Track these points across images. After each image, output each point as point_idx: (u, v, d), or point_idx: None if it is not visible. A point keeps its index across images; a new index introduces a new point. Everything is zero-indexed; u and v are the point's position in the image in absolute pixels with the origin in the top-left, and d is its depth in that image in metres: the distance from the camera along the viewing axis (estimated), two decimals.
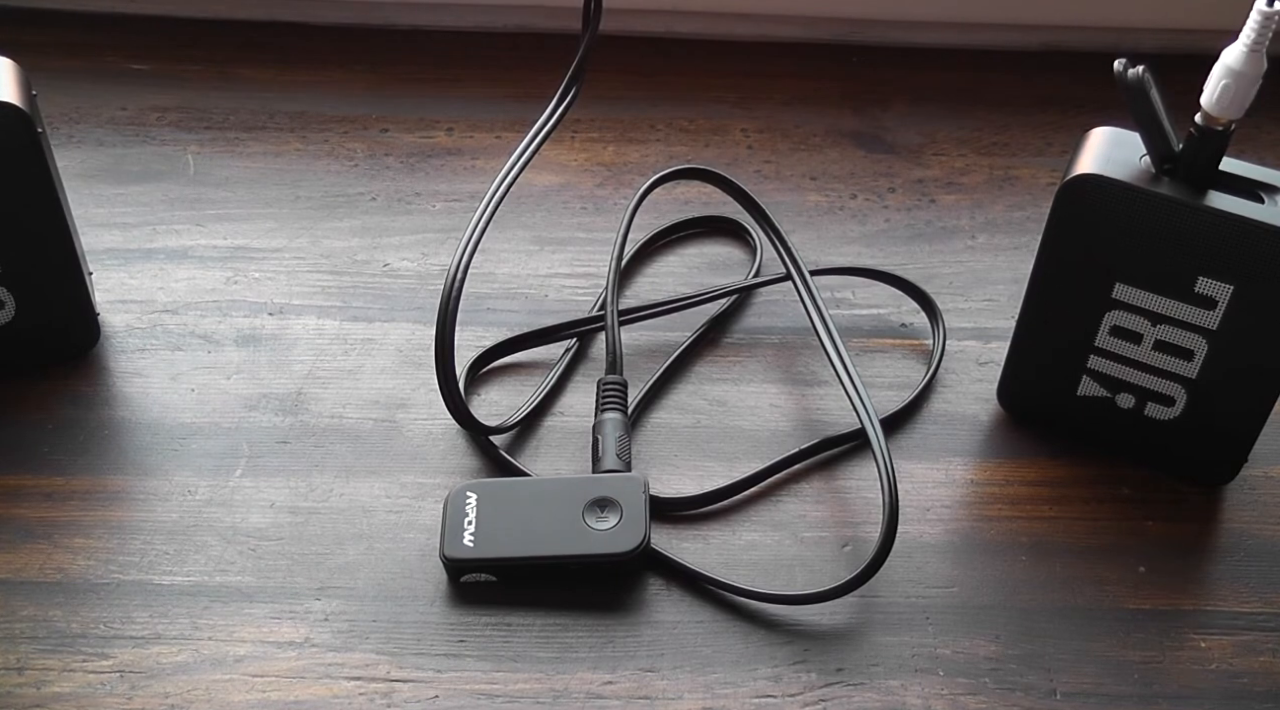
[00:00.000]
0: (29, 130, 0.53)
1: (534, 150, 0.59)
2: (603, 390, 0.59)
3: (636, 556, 0.53)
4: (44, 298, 0.58)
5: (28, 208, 0.56)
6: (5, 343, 0.59)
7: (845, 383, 0.58)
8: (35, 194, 0.56)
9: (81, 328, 0.61)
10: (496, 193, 0.57)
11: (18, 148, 0.54)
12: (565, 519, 0.53)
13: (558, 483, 0.55)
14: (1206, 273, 0.51)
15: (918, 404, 0.61)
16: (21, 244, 0.57)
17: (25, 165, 0.54)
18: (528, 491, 0.55)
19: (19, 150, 0.54)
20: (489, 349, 0.61)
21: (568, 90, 0.60)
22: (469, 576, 0.53)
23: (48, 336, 0.60)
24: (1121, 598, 0.54)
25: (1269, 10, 0.47)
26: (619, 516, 0.53)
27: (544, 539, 0.53)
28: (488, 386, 0.61)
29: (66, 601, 0.52)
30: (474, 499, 0.54)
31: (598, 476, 0.55)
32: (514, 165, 0.58)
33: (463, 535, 0.53)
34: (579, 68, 0.60)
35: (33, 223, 0.56)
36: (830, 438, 0.58)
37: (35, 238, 0.57)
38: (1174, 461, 0.58)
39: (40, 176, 0.55)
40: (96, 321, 0.61)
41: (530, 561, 0.53)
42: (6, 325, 0.58)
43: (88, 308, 0.60)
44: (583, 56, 0.60)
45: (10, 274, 0.57)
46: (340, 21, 0.80)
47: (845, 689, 0.51)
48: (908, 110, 0.76)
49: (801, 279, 0.63)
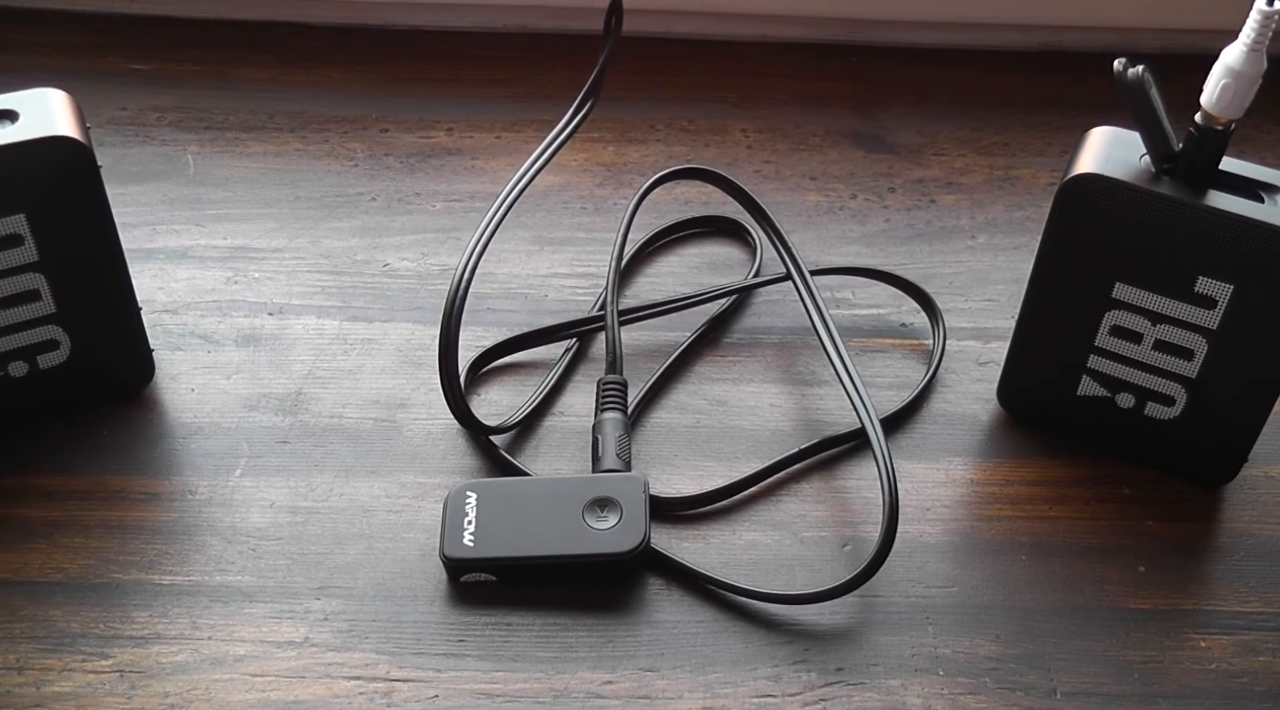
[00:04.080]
0: (89, 165, 0.52)
1: (548, 158, 0.59)
2: (603, 390, 0.59)
3: (636, 556, 0.53)
4: (99, 338, 0.56)
5: (85, 246, 0.54)
6: (59, 383, 0.57)
7: (845, 382, 0.58)
8: (93, 231, 0.54)
9: (135, 366, 0.59)
10: (508, 198, 0.57)
11: (77, 184, 0.52)
12: (565, 519, 0.53)
13: (558, 482, 0.55)
14: (1206, 273, 0.51)
15: (918, 404, 0.61)
16: (77, 283, 0.54)
17: (84, 201, 0.53)
18: (528, 491, 0.55)
19: (79, 186, 0.52)
20: (489, 349, 0.61)
21: (584, 102, 0.60)
22: (469, 576, 0.53)
23: (102, 376, 0.58)
24: (1121, 598, 0.54)
25: (1269, 10, 0.47)
26: (619, 516, 0.53)
27: (544, 539, 0.53)
28: (488, 386, 0.61)
29: (66, 601, 0.52)
30: (474, 498, 0.54)
31: (598, 476, 0.55)
32: (526, 172, 0.58)
33: (463, 535, 0.53)
34: (597, 79, 0.60)
35: (89, 261, 0.54)
36: (830, 438, 0.58)
37: (92, 276, 0.55)
38: (1174, 461, 0.58)
39: (99, 213, 0.53)
40: (151, 359, 0.60)
41: (530, 561, 0.53)
42: (60, 366, 0.56)
43: (143, 345, 0.59)
44: (601, 68, 0.60)
45: (65, 314, 0.55)
46: (340, 21, 0.80)
47: (845, 689, 0.51)
48: (908, 110, 0.76)
49: (801, 279, 0.63)
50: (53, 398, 0.57)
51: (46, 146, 0.51)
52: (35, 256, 0.53)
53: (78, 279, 0.55)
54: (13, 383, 0.56)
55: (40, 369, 0.56)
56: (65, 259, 0.54)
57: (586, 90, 0.61)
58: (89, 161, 0.52)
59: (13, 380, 0.56)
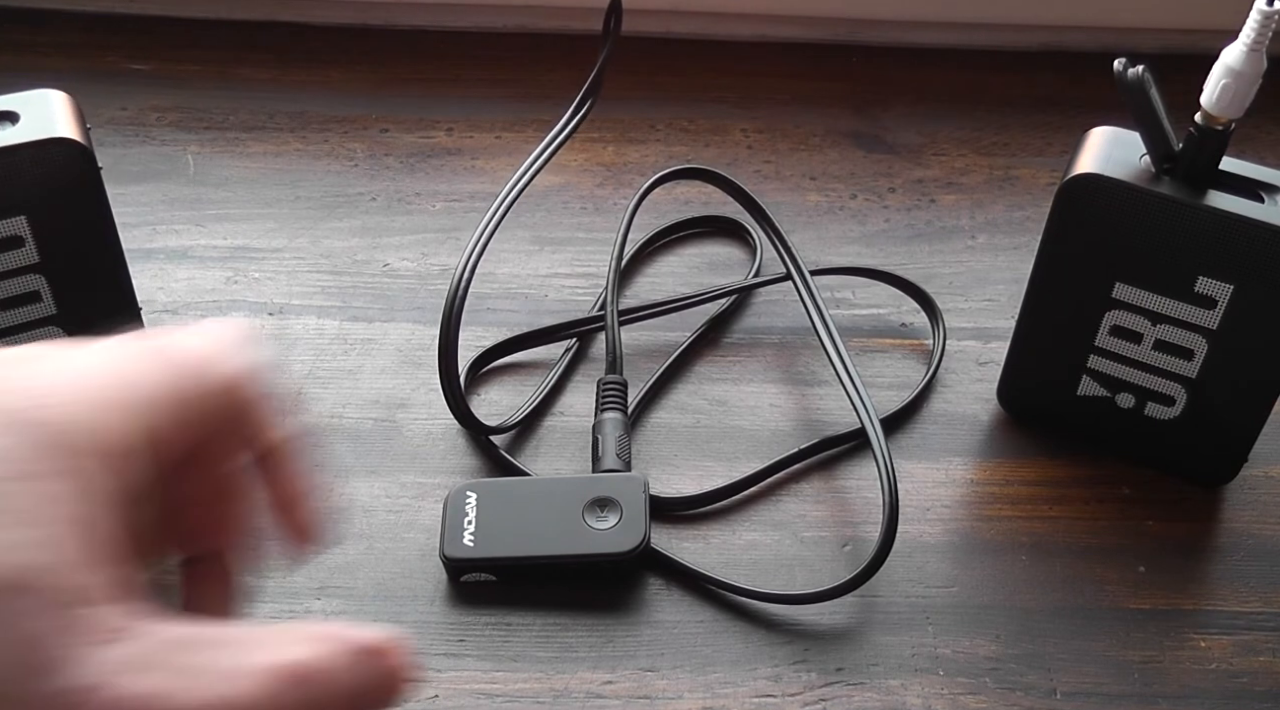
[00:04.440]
0: (90, 166, 0.52)
1: (547, 158, 0.59)
2: (603, 390, 0.59)
3: (636, 556, 0.53)
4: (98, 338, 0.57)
5: (85, 247, 0.54)
6: None
7: (845, 382, 0.58)
8: (94, 233, 0.54)
9: None
10: (507, 197, 0.57)
11: (78, 185, 0.52)
12: (565, 519, 0.53)
13: (558, 482, 0.55)
14: (1206, 272, 0.51)
15: (918, 404, 0.61)
16: (78, 285, 0.54)
17: (85, 203, 0.53)
18: (528, 491, 0.55)
19: (79, 188, 0.52)
20: (489, 349, 0.61)
21: (584, 102, 0.60)
22: (469, 576, 0.53)
23: None
24: (1121, 598, 0.54)
25: (1269, 10, 0.47)
26: (619, 516, 0.53)
27: (544, 539, 0.53)
28: (488, 386, 0.61)
29: None
30: (474, 498, 0.54)
31: (597, 476, 0.55)
32: (526, 172, 0.58)
33: (463, 535, 0.53)
34: (597, 78, 0.60)
35: (90, 263, 0.54)
36: (830, 437, 0.58)
37: (92, 278, 0.55)
38: (1174, 461, 0.58)
39: (100, 214, 0.53)
40: None
41: (530, 561, 0.53)
42: None
43: None
44: (600, 68, 0.60)
45: (66, 316, 0.55)
46: (340, 21, 0.80)
47: (845, 689, 0.51)
48: (908, 110, 0.76)
49: (801, 279, 0.63)
50: None
51: (47, 148, 0.51)
52: (36, 258, 0.53)
53: (78, 280, 0.55)
54: None
55: None
56: (66, 260, 0.54)
57: (586, 89, 0.61)
58: (90, 163, 0.52)
59: None
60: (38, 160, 0.51)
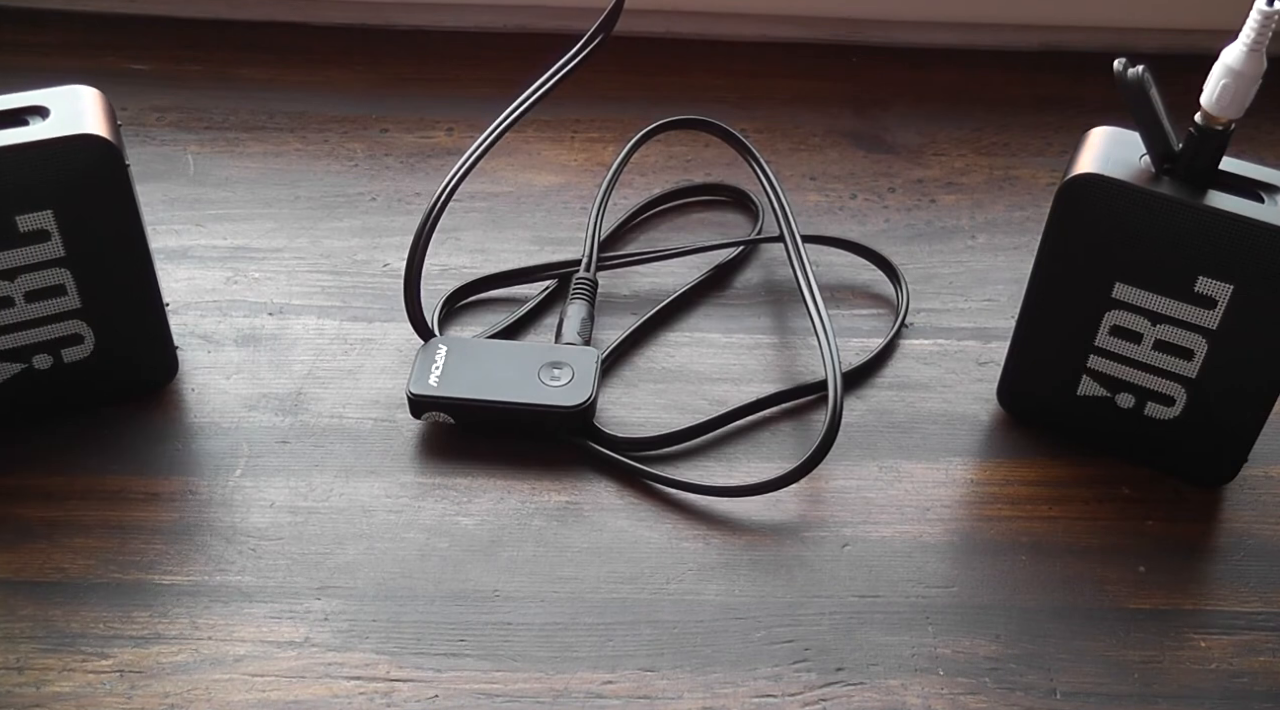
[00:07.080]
0: (118, 163, 0.52)
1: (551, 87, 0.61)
2: (574, 284, 0.62)
3: (581, 413, 0.57)
4: (124, 334, 0.57)
5: (111, 243, 0.54)
6: (83, 378, 0.57)
7: (812, 312, 0.60)
8: (120, 228, 0.54)
9: (159, 363, 0.59)
10: (518, 111, 0.61)
11: (106, 181, 0.52)
12: (522, 374, 0.58)
13: (521, 346, 0.61)
14: (1206, 272, 0.51)
15: (885, 355, 0.63)
16: (103, 279, 0.55)
17: (113, 199, 0.53)
18: (493, 349, 0.60)
19: (107, 184, 0.52)
20: (469, 283, 0.64)
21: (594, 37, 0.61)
22: (429, 415, 0.58)
23: (125, 372, 0.58)
24: (1121, 598, 0.54)
25: (1269, 10, 0.47)
26: (570, 377, 0.58)
27: (501, 387, 0.58)
28: (463, 319, 0.64)
29: (66, 601, 0.52)
30: (444, 350, 0.59)
31: (558, 346, 0.60)
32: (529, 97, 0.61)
33: (429, 377, 0.58)
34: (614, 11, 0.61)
35: (116, 258, 0.55)
36: (803, 385, 0.60)
37: (117, 273, 0.55)
38: (1174, 461, 0.58)
39: (127, 211, 0.54)
40: (175, 356, 0.60)
41: (485, 405, 0.57)
42: (83, 361, 0.56)
43: (167, 342, 0.59)
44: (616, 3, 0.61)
45: (91, 310, 0.55)
46: (340, 21, 0.80)
47: (845, 689, 0.51)
48: (908, 110, 0.77)
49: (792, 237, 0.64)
50: (77, 392, 0.57)
51: (76, 144, 0.51)
52: (62, 252, 0.53)
53: (104, 275, 0.55)
54: (37, 375, 0.56)
55: (65, 363, 0.56)
56: (92, 255, 0.54)
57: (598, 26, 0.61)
58: (118, 159, 0.52)
59: (37, 373, 0.56)
60: (66, 156, 0.51)
